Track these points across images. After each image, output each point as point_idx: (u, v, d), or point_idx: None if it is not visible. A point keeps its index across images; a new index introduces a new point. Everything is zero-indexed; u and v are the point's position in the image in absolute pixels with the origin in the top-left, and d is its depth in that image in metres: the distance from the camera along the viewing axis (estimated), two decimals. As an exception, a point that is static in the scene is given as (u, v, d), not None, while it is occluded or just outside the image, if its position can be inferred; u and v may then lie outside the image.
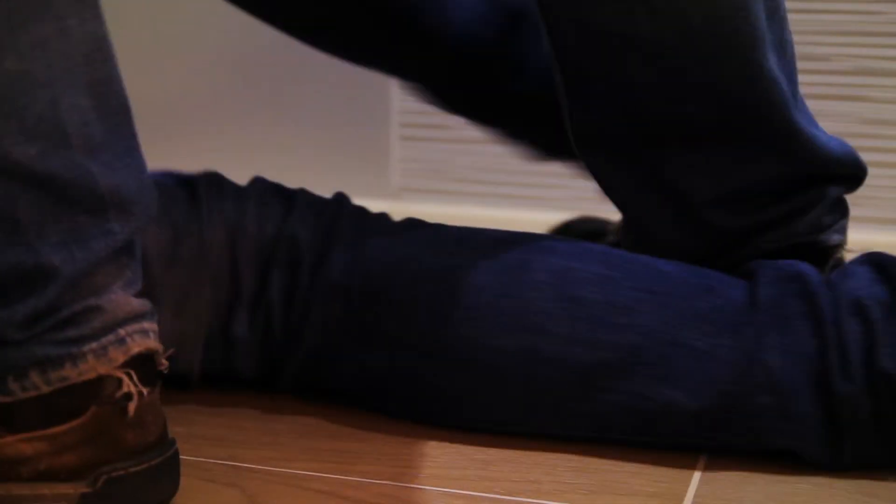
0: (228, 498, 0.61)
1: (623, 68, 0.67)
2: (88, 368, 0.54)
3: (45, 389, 0.53)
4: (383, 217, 0.74)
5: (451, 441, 0.68)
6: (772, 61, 0.66)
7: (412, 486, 0.63)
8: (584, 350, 0.65)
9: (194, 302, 0.70)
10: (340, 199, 0.74)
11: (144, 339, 0.56)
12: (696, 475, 0.64)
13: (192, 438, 0.67)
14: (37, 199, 0.53)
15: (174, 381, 0.71)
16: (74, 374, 0.53)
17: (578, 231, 0.96)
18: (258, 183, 0.74)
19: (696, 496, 0.62)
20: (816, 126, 0.70)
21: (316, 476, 0.64)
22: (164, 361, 0.57)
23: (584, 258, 0.68)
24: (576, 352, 0.65)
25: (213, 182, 0.73)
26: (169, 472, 0.58)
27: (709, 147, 0.69)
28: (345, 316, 0.69)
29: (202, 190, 0.72)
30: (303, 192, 0.74)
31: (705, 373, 0.64)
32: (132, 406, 0.55)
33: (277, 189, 0.74)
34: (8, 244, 0.53)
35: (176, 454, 0.58)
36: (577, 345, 0.65)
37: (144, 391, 0.55)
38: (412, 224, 0.73)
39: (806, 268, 0.67)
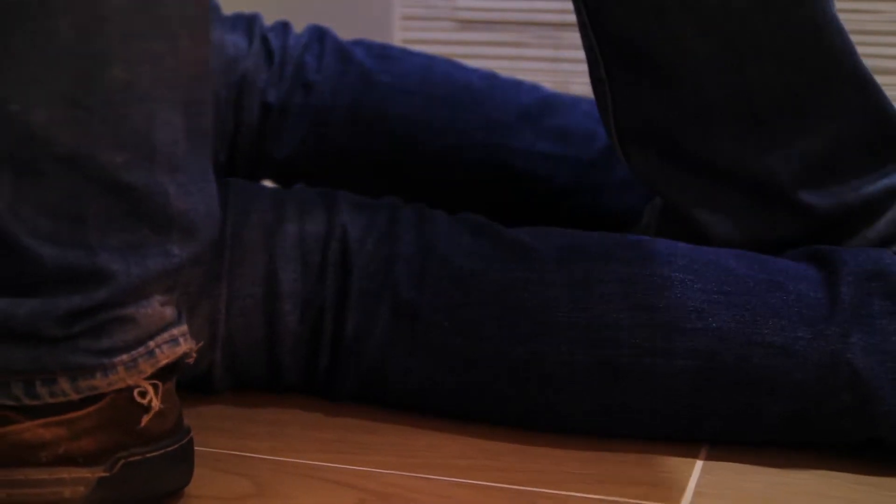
0: (238, 487, 0.63)
1: (678, 41, 0.65)
2: (118, 379, 0.55)
3: (74, 397, 0.54)
4: (440, 218, 0.73)
5: (460, 432, 0.69)
6: (834, 7, 0.65)
7: (421, 475, 0.64)
8: (662, 359, 0.66)
9: (207, 303, 0.71)
10: (392, 202, 0.73)
11: (173, 347, 0.57)
12: (698, 464, 0.65)
13: (200, 429, 0.68)
14: (109, 206, 0.54)
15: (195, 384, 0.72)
16: (104, 384, 0.55)
17: None
18: (296, 186, 0.75)
19: (697, 486, 0.63)
20: None
21: (325, 466, 0.65)
22: (193, 355, 0.58)
23: (648, 263, 0.69)
24: (652, 362, 0.66)
25: (245, 186, 0.74)
26: (184, 458, 0.59)
27: (775, 121, 0.67)
28: (410, 331, 0.69)
29: (234, 190, 0.73)
30: (344, 194, 0.74)
31: (787, 373, 0.65)
32: (150, 397, 0.56)
33: (318, 192, 0.74)
34: (69, 242, 0.54)
35: (191, 441, 0.59)
36: (652, 355, 0.66)
37: (161, 384, 0.56)
38: (475, 228, 0.72)
39: (889, 260, 0.67)
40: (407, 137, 0.86)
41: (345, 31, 0.91)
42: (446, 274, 0.70)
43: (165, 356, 0.56)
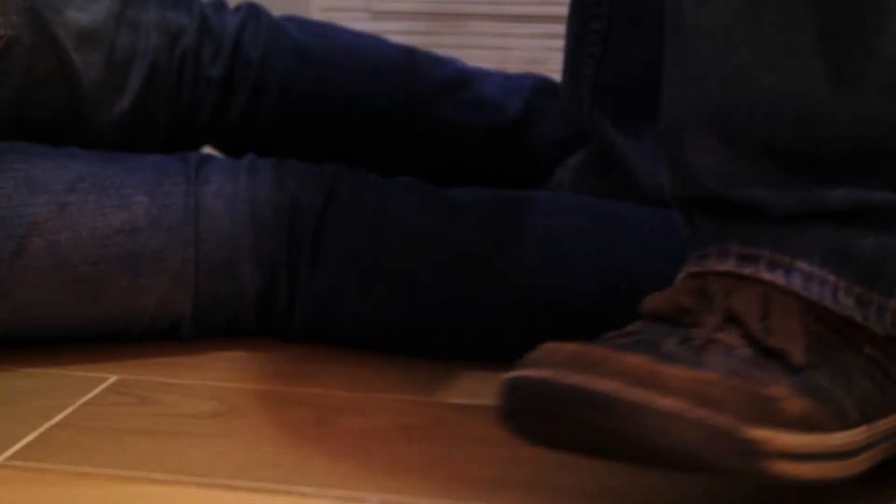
0: (209, 407, 0.71)
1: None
2: None
3: None
4: (378, 181, 0.81)
5: (398, 360, 0.78)
6: None
7: (369, 394, 0.73)
8: (569, 296, 0.77)
9: (182, 263, 0.79)
10: (335, 168, 0.82)
11: None
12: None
13: (171, 366, 0.77)
14: None
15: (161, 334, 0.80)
16: None
17: None
18: (249, 155, 0.83)
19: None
20: None
21: (285, 390, 0.74)
22: None
23: (562, 214, 0.79)
24: (563, 298, 0.77)
25: (204, 157, 0.82)
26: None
27: None
28: (357, 278, 0.78)
29: (193, 162, 0.81)
30: (293, 162, 0.82)
31: None
32: None
33: (269, 161, 0.82)
34: None
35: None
36: (562, 292, 0.77)
37: None
38: (408, 188, 0.81)
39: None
40: (339, 109, 0.95)
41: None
42: (386, 227, 0.79)
43: None
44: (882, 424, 0.56)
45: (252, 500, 0.59)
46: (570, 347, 0.53)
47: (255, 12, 0.97)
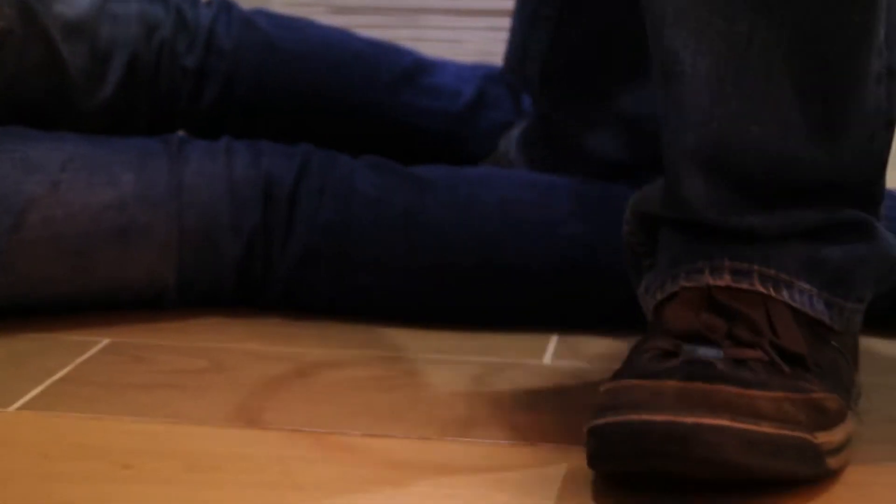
0: (198, 364, 0.79)
1: None
2: None
3: None
4: (347, 159, 0.89)
5: (366, 323, 0.86)
6: None
7: (340, 349, 0.81)
8: (528, 260, 0.85)
9: (167, 236, 0.86)
10: (306, 147, 0.90)
11: None
12: (554, 337, 0.84)
13: (156, 331, 0.84)
14: None
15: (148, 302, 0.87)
16: None
17: None
18: (226, 137, 0.90)
19: (555, 348, 0.82)
20: None
21: (265, 349, 0.82)
22: None
23: (518, 188, 0.88)
24: (523, 262, 0.85)
25: (184, 139, 0.89)
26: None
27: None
28: (328, 247, 0.86)
29: (174, 143, 0.88)
30: (266, 143, 0.89)
31: None
32: None
33: (244, 142, 0.89)
34: None
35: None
36: (522, 256, 0.85)
37: None
38: (375, 166, 0.89)
39: None
40: (306, 96, 1.02)
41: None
42: (357, 200, 0.87)
43: None
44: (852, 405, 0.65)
45: (244, 437, 0.67)
46: (669, 387, 0.57)
47: (227, 6, 1.04)
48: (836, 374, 0.64)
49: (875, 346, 0.81)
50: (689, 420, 0.54)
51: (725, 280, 0.63)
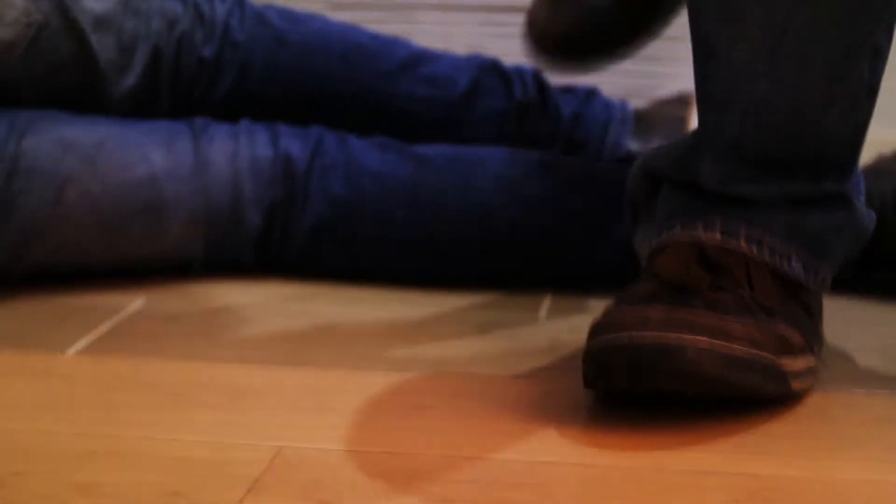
0: (228, 318, 0.87)
1: None
2: None
3: None
4: (355, 139, 0.99)
5: (386, 286, 0.95)
6: None
7: (354, 308, 0.90)
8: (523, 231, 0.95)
9: (194, 210, 0.95)
10: (318, 129, 0.99)
11: None
12: (547, 296, 0.93)
13: (187, 293, 0.93)
14: None
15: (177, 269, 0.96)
16: None
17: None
18: (245, 120, 0.99)
19: (549, 307, 0.91)
20: None
21: (289, 308, 0.90)
22: None
23: (511, 164, 0.97)
24: (517, 233, 0.95)
25: (207, 122, 0.98)
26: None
27: None
28: (339, 218, 0.95)
29: (198, 125, 0.97)
30: (283, 126, 0.99)
31: None
32: None
33: (262, 124, 0.99)
34: None
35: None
36: (518, 227, 0.95)
37: None
38: (382, 145, 0.98)
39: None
40: (314, 85, 1.11)
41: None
42: (365, 176, 0.96)
43: None
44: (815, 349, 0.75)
45: (280, 372, 0.75)
46: (656, 312, 0.66)
47: (240, 2, 1.12)
48: (803, 323, 0.73)
49: (836, 305, 0.90)
50: (674, 337, 0.63)
51: (716, 237, 0.72)
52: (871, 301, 0.90)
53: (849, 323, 0.85)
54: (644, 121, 1.20)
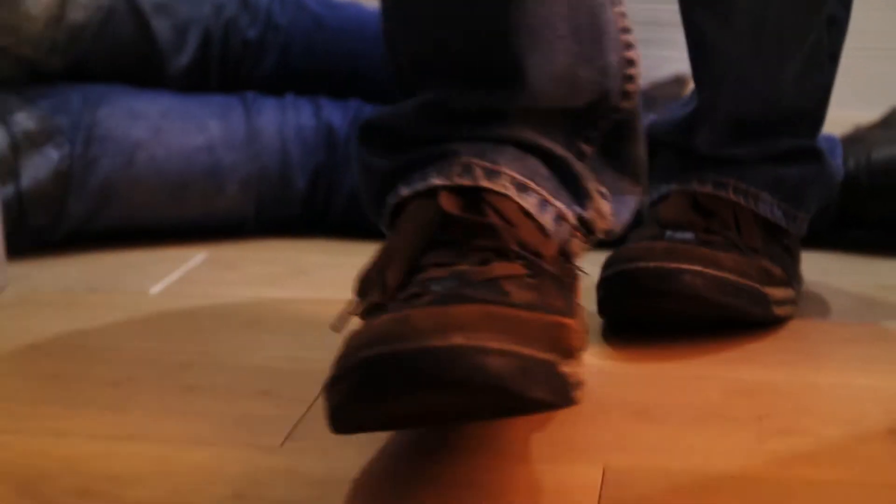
0: (281, 269, 0.99)
1: None
2: None
3: None
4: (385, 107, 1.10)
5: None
6: None
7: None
8: None
9: (248, 174, 1.07)
10: (357, 102, 1.11)
11: None
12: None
13: (241, 247, 1.05)
14: None
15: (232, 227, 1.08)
16: None
17: None
18: (290, 94, 1.11)
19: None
20: None
21: (334, 261, 1.02)
22: None
23: None
24: None
25: (257, 95, 1.10)
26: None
27: None
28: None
29: (249, 98, 1.09)
30: (325, 98, 1.11)
31: None
32: None
33: (306, 98, 1.11)
34: None
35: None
36: None
37: None
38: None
39: None
40: (349, 64, 1.23)
41: None
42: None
43: None
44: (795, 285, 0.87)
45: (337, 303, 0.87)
46: (659, 246, 0.77)
47: None
48: (783, 261, 0.86)
49: (815, 258, 1.03)
50: (674, 265, 0.76)
51: (708, 188, 0.84)
52: (845, 254, 1.02)
53: (825, 272, 0.98)
54: (643, 100, 1.32)
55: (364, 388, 0.51)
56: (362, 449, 0.61)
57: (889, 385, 0.71)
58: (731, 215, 0.84)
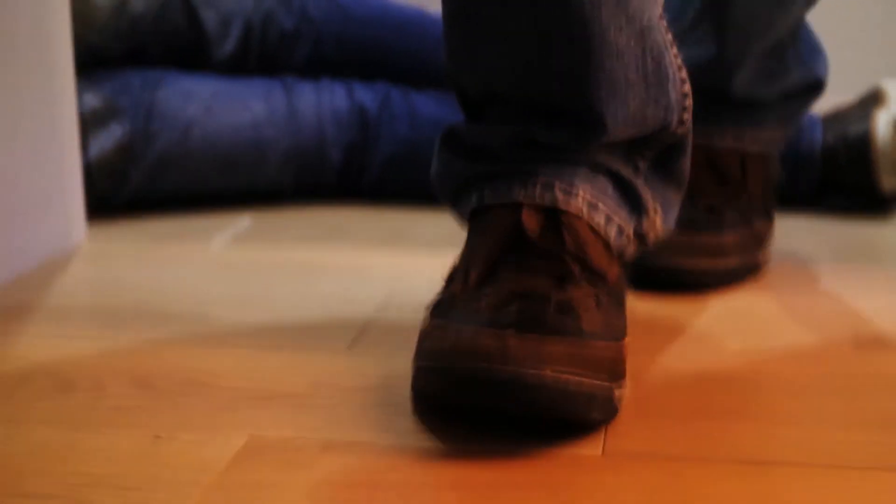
0: (321, 231, 1.11)
1: None
2: None
3: None
4: (416, 93, 1.24)
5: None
6: None
7: (419, 222, 1.15)
8: None
9: (288, 148, 1.20)
10: (385, 85, 1.25)
11: None
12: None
13: (280, 213, 1.17)
14: None
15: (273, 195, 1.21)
16: None
17: None
18: (325, 78, 1.24)
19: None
20: None
21: (367, 225, 1.15)
22: None
23: None
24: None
25: (296, 79, 1.23)
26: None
27: None
28: (404, 154, 1.21)
29: (288, 82, 1.22)
30: (357, 82, 1.24)
31: None
32: None
33: (340, 81, 1.24)
34: None
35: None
36: None
37: None
38: (437, 98, 1.23)
39: None
40: (376, 52, 1.36)
41: None
42: (424, 122, 1.21)
43: None
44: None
45: (377, 257, 1.00)
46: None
47: None
48: (770, 203, 0.99)
49: (797, 222, 1.15)
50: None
51: (728, 142, 0.96)
52: (825, 219, 1.15)
53: (807, 233, 1.10)
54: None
55: (458, 391, 0.61)
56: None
57: (855, 308, 0.84)
58: (737, 166, 0.96)
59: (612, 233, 0.72)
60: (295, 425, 0.63)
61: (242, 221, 1.14)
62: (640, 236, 0.75)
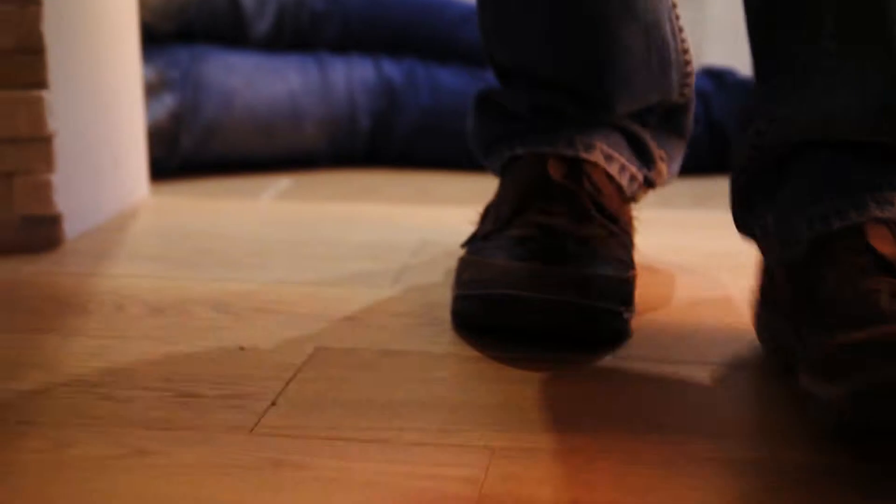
0: (352, 189, 1.24)
1: None
2: None
3: None
4: (439, 68, 1.36)
5: (458, 172, 1.32)
6: None
7: (444, 182, 1.26)
8: None
9: (322, 116, 1.32)
10: (411, 60, 1.37)
11: None
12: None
13: (319, 179, 1.29)
14: None
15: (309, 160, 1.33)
16: None
17: None
18: (355, 54, 1.36)
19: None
20: None
21: (395, 188, 1.27)
22: None
23: None
24: None
25: (328, 54, 1.35)
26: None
27: None
28: (426, 122, 1.34)
29: (322, 58, 1.34)
30: (385, 57, 1.36)
31: None
32: None
33: (369, 55, 1.36)
34: None
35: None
36: None
37: None
38: (456, 72, 1.36)
39: None
40: (397, 31, 1.48)
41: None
42: (444, 93, 1.34)
43: None
44: None
45: (411, 209, 1.12)
46: None
47: None
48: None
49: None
50: None
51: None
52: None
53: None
54: None
55: (492, 314, 0.72)
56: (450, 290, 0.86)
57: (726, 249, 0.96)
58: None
59: (625, 180, 0.82)
60: (354, 339, 0.75)
61: (283, 182, 1.27)
62: (649, 182, 0.86)
